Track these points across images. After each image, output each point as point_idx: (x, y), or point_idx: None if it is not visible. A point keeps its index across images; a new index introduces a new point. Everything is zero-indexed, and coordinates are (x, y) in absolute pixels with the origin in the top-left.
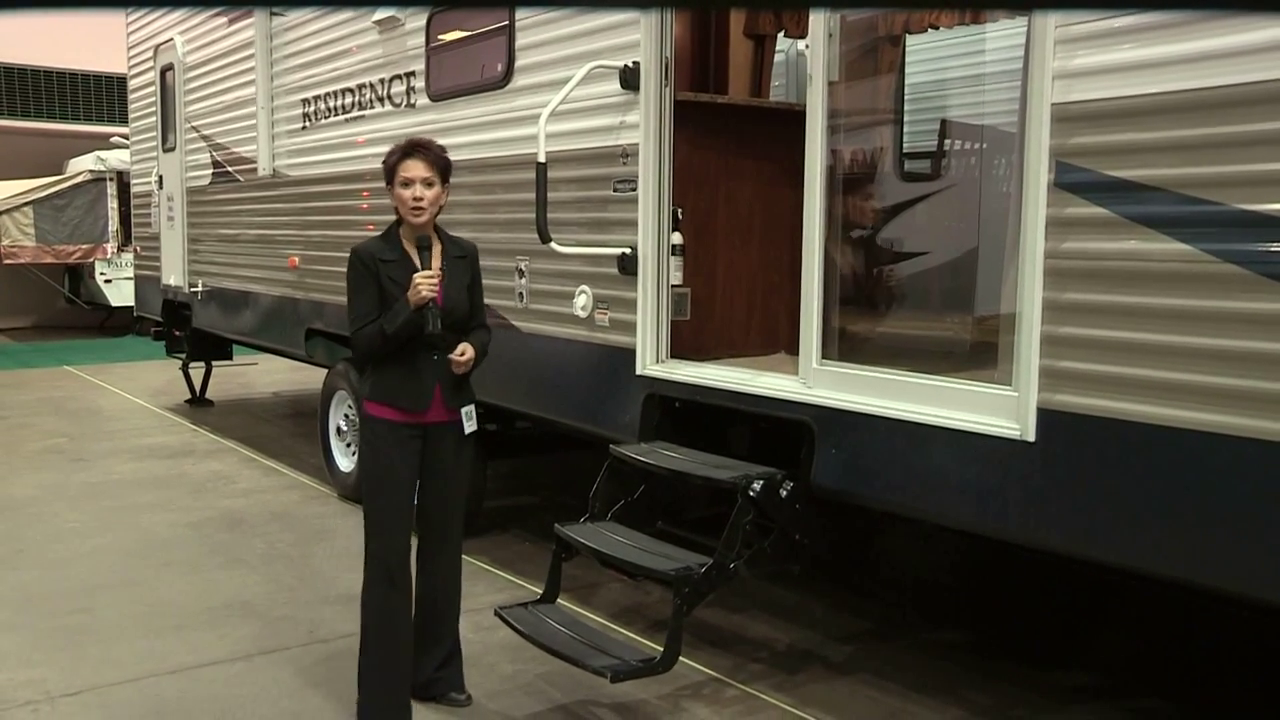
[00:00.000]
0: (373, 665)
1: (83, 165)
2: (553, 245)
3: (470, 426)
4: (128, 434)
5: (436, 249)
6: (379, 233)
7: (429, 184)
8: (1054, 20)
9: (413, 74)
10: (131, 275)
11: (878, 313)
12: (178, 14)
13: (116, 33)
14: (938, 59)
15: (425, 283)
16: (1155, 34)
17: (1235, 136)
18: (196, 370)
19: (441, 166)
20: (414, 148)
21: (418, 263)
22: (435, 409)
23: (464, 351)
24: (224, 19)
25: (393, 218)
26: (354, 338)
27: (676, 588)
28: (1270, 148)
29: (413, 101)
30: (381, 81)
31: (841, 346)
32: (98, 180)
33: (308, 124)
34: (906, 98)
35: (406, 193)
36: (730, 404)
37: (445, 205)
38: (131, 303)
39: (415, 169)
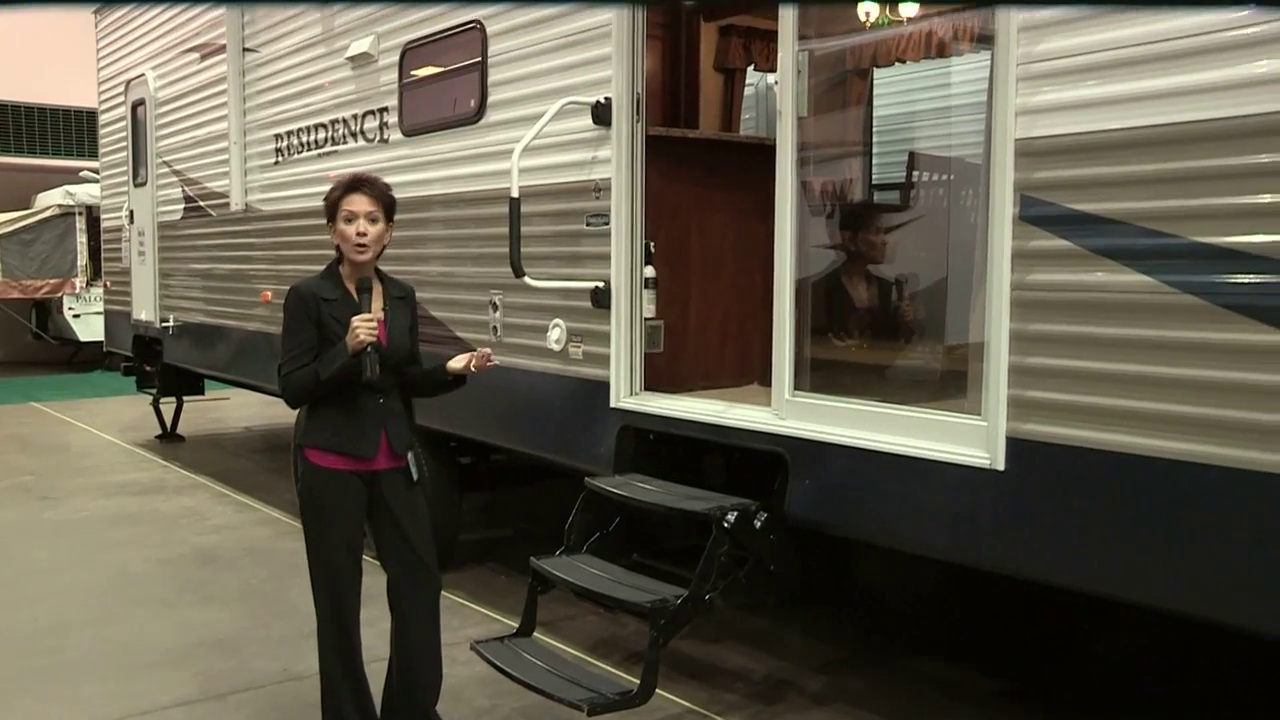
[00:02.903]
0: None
1: (51, 200)
2: (526, 279)
3: (416, 474)
4: (97, 470)
5: (377, 289)
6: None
7: (373, 220)
8: (1015, 57)
9: (386, 109)
10: (100, 310)
11: (849, 342)
12: (149, 49)
13: (86, 67)
14: (905, 92)
15: (364, 327)
16: (1115, 71)
17: (1192, 171)
18: (167, 405)
19: (386, 203)
20: (358, 183)
21: (359, 303)
22: (382, 455)
23: (486, 356)
24: (196, 55)
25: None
26: (284, 380)
27: (653, 620)
28: (1225, 182)
29: (386, 137)
30: (355, 117)
31: (814, 377)
32: (66, 215)
33: (280, 159)
34: (875, 130)
35: (350, 229)
36: (704, 436)
37: (388, 244)
38: (100, 338)
39: (359, 204)
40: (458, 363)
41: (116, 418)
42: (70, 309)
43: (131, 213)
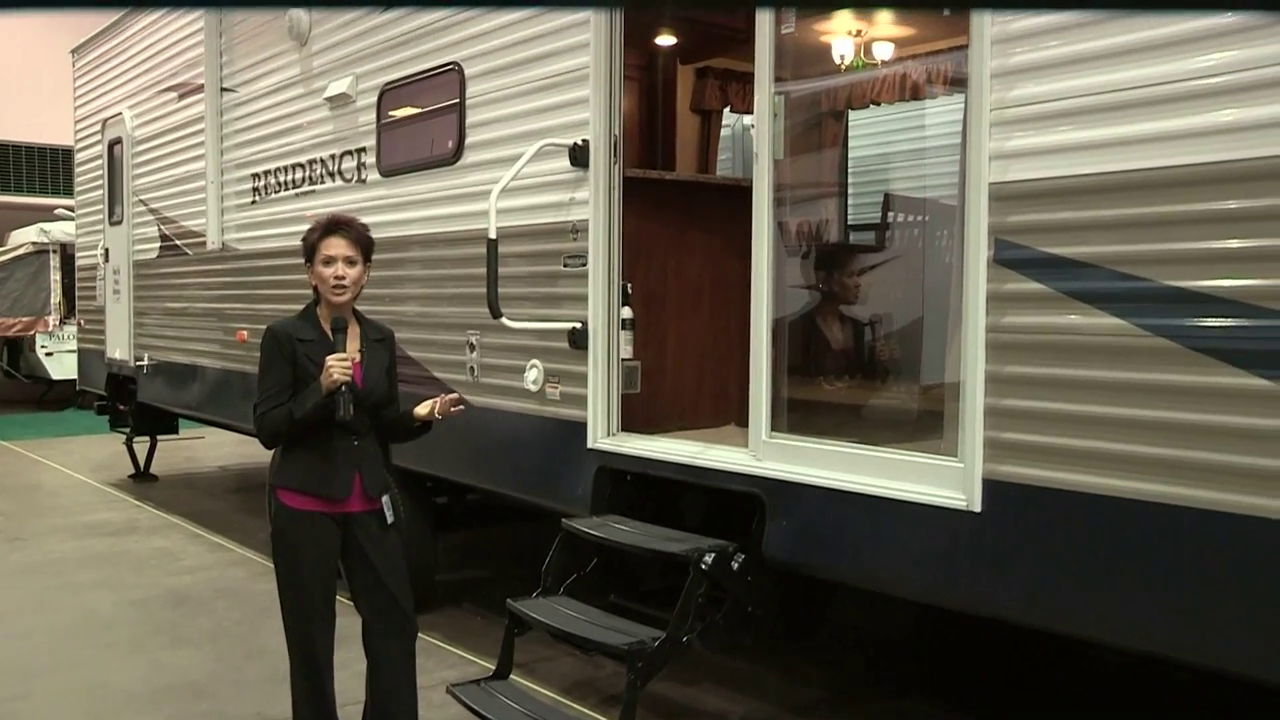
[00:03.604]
0: None
1: (25, 237)
2: (504, 320)
3: (391, 517)
4: (68, 510)
5: (354, 331)
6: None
7: (351, 262)
8: (988, 103)
9: (364, 150)
10: (73, 348)
11: (826, 382)
12: (127, 88)
13: (62, 105)
14: (880, 134)
15: (338, 366)
16: (1087, 118)
17: (1163, 216)
18: (141, 445)
19: (364, 245)
20: (336, 225)
21: (335, 344)
22: (355, 497)
23: (453, 401)
24: (174, 94)
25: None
26: (259, 419)
27: (630, 662)
28: (1195, 227)
29: (364, 177)
30: (332, 157)
31: (790, 418)
32: (40, 252)
33: (257, 198)
34: (850, 171)
35: (328, 271)
36: (681, 477)
37: (365, 285)
38: (72, 376)
39: (337, 247)
40: (423, 408)
41: (88, 457)
42: (43, 347)
43: (107, 251)
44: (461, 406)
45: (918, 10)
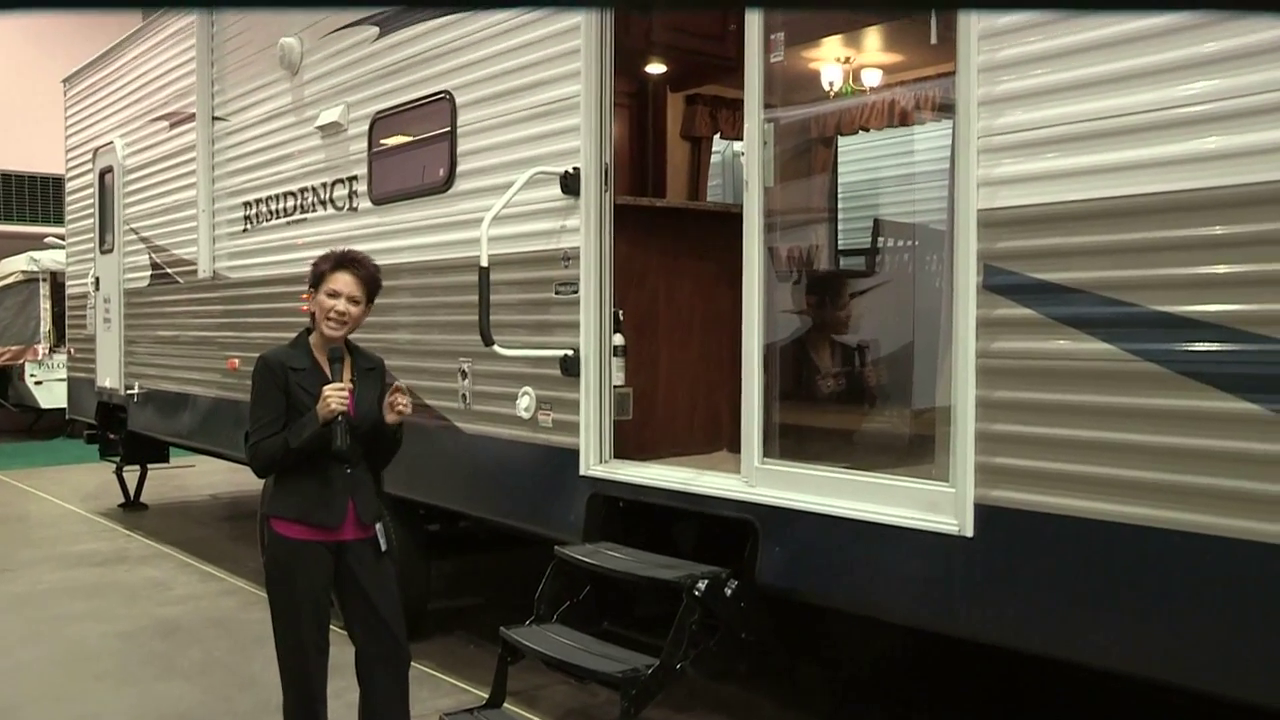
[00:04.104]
0: None
1: (15, 266)
2: (496, 348)
3: (385, 545)
4: (57, 541)
5: (347, 360)
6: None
7: (355, 301)
8: (976, 130)
9: (355, 178)
10: (63, 377)
11: (818, 407)
12: (118, 117)
13: (53, 133)
14: (869, 159)
15: (335, 395)
16: (1073, 145)
17: (1149, 242)
18: (131, 473)
19: (371, 287)
20: (350, 261)
21: (329, 374)
22: (349, 525)
23: (404, 398)
24: (165, 123)
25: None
26: (252, 449)
27: (624, 690)
28: (1181, 253)
29: (355, 205)
30: (324, 185)
31: (783, 443)
32: (30, 280)
33: (249, 226)
34: (840, 197)
35: (330, 303)
36: (674, 504)
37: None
38: (62, 405)
39: (345, 283)
40: (388, 415)
41: (78, 486)
42: (32, 376)
43: (98, 279)
44: (405, 399)
45: (903, 11)
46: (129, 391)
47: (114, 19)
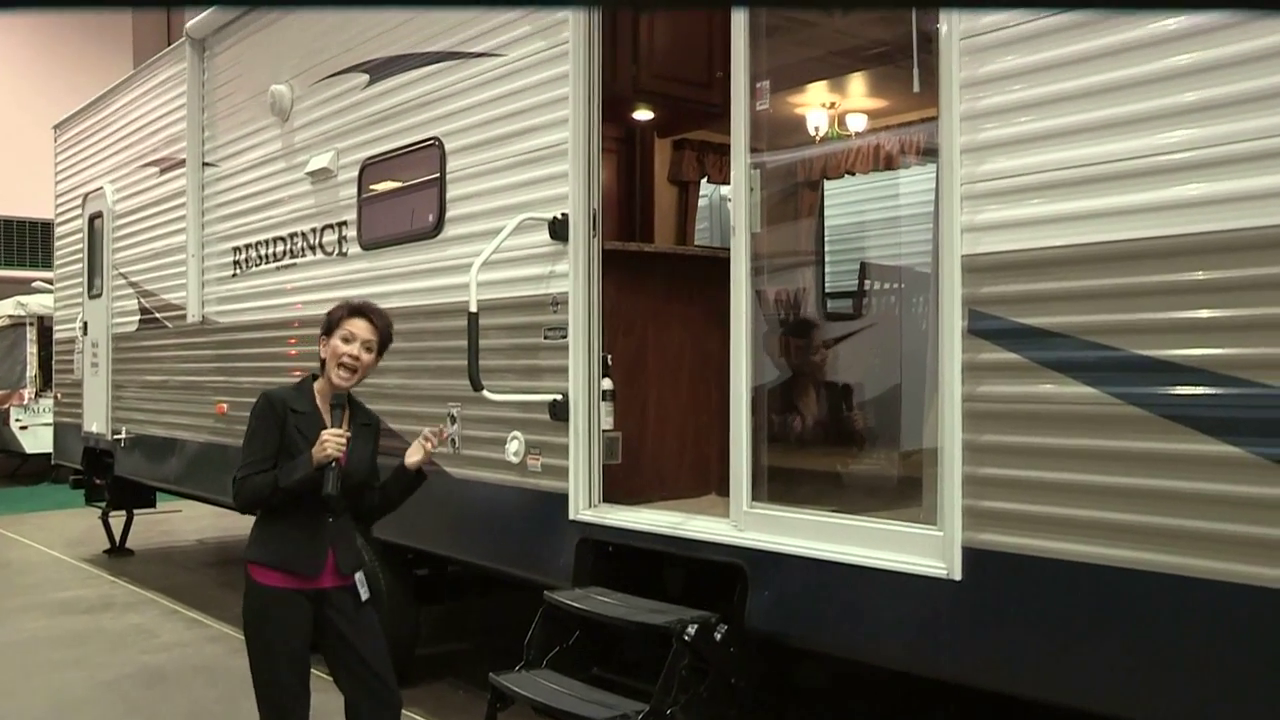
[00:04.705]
0: None
1: (2, 310)
2: (485, 393)
3: (365, 594)
4: (40, 588)
5: (346, 412)
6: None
7: (368, 348)
8: (959, 177)
9: (345, 223)
10: (48, 422)
11: (806, 450)
12: (108, 163)
13: (41, 178)
14: (855, 203)
15: (334, 441)
16: (1056, 191)
17: (1131, 287)
18: (117, 519)
19: (384, 338)
20: (366, 310)
21: (328, 420)
22: (327, 574)
23: (438, 433)
24: (155, 169)
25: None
26: (241, 483)
27: None
28: (1163, 298)
29: (345, 250)
30: (314, 230)
31: (771, 487)
32: (17, 325)
33: (238, 271)
34: (827, 240)
35: (344, 347)
36: (663, 548)
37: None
38: (47, 449)
39: (361, 329)
40: (413, 455)
41: (63, 532)
42: (17, 420)
43: (86, 324)
44: (448, 434)
45: (887, 9)
46: (116, 436)
47: (106, 65)
